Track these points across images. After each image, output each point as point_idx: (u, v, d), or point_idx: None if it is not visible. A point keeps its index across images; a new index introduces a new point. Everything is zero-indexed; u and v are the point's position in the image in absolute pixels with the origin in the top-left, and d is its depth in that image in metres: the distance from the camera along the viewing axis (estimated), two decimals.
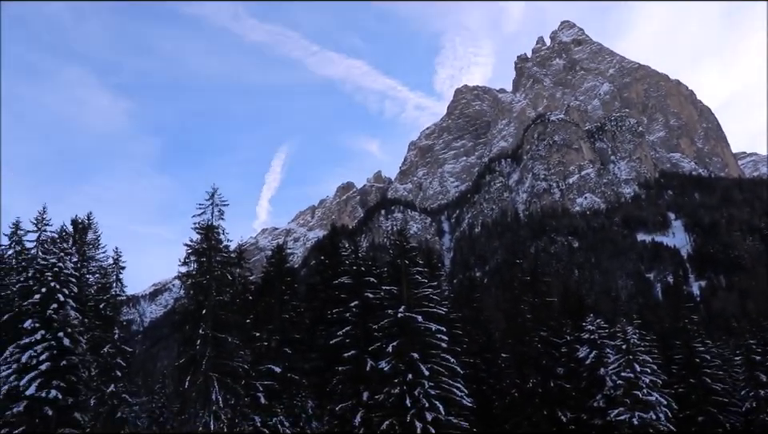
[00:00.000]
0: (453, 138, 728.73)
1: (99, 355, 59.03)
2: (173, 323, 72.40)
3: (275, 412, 57.95)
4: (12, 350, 54.22)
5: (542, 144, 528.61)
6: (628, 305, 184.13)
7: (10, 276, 67.19)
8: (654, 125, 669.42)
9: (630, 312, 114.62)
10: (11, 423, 50.41)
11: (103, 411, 57.27)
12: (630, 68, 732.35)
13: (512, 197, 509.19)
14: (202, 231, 57.73)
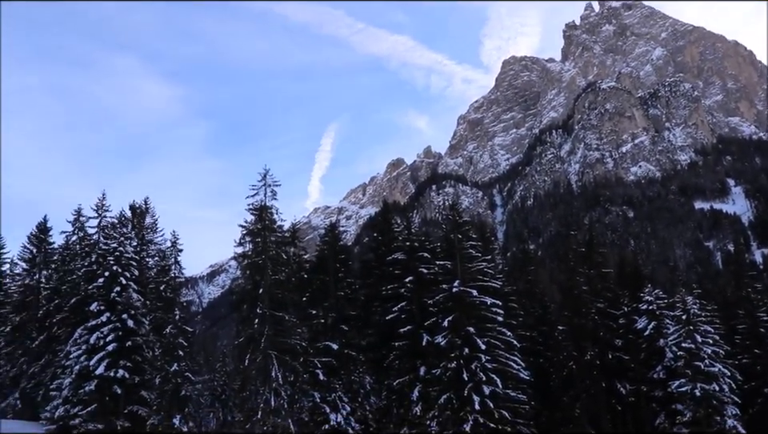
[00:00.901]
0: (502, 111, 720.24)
1: (162, 335, 60.64)
2: (231, 303, 73.90)
3: (334, 388, 58.86)
4: (81, 332, 56.28)
5: (594, 113, 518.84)
6: (687, 275, 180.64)
7: (74, 261, 69.46)
8: (710, 89, 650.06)
9: (689, 282, 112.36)
10: (84, 401, 52.44)
11: (168, 389, 58.84)
12: (684, 31, 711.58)
13: (564, 168, 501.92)
14: (255, 211, 58.59)
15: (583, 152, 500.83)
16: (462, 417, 51.10)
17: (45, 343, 66.07)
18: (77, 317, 61.42)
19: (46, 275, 71.79)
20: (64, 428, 52.84)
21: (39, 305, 69.09)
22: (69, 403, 53.51)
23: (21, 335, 68.00)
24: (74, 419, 52.43)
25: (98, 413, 52.72)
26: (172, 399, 59.24)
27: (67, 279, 68.24)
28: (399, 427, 58.55)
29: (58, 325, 65.60)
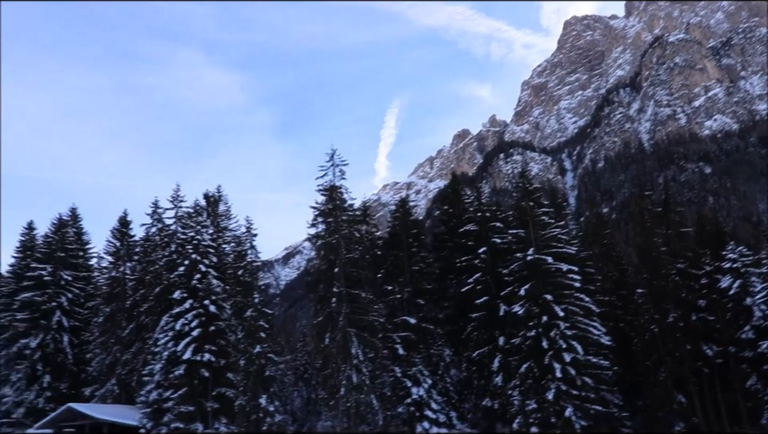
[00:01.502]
0: (566, 73, 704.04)
1: (243, 319, 62.27)
2: (307, 283, 75.27)
3: (414, 362, 59.45)
4: (167, 319, 58.44)
5: (662, 68, 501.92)
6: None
7: (155, 252, 71.91)
8: None
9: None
10: (175, 385, 54.53)
11: (252, 370, 60.52)
12: None
13: (634, 127, 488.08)
14: (325, 192, 59.38)
15: (653, 109, 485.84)
16: (544, 385, 50.88)
17: (134, 331, 68.84)
18: (162, 305, 63.73)
19: (130, 267, 74.56)
20: (158, 411, 55.15)
21: (126, 296, 71.91)
22: (161, 388, 55.81)
23: (112, 324, 71.03)
24: (167, 402, 54.70)
25: (188, 396, 54.80)
26: (257, 380, 60.94)
27: (150, 269, 70.76)
28: (481, 398, 58.81)
29: (145, 314, 68.23)
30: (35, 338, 74.16)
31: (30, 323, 75.38)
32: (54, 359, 74.50)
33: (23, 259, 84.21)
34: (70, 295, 78.90)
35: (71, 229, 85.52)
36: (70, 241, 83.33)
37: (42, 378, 72.95)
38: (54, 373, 73.98)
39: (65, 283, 78.85)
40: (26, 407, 71.63)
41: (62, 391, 73.32)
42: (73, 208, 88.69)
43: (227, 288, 63.46)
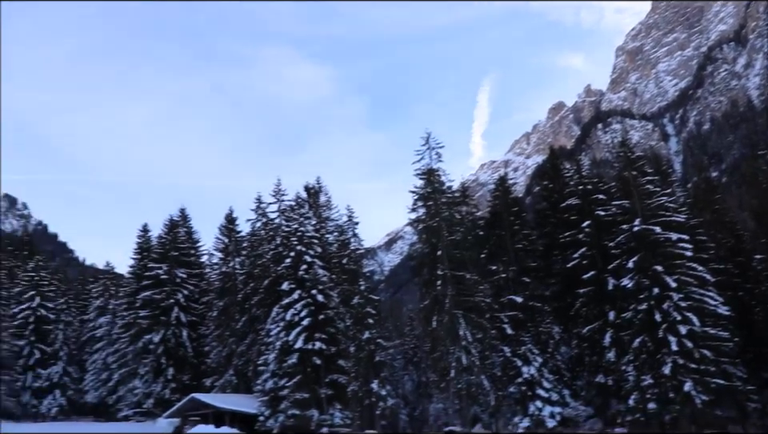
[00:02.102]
0: (662, 34, 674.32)
1: (350, 306, 63.46)
2: (411, 268, 75.82)
3: (523, 341, 59.02)
4: (277, 310, 60.30)
5: None
6: None
7: (262, 246, 74.18)
8: None
9: None
10: (289, 373, 56.29)
11: (363, 356, 61.72)
12: None
13: (741, 84, 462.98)
14: (423, 175, 59.54)
15: (762, 63, 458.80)
16: (660, 360, 49.39)
17: (247, 323, 71.35)
18: (272, 297, 65.73)
19: (239, 262, 77.19)
20: (275, 399, 57.10)
21: (237, 289, 74.52)
22: (276, 376, 57.74)
23: (226, 318, 73.91)
24: (283, 390, 56.55)
25: (303, 383, 56.47)
26: (368, 366, 62.12)
27: (258, 262, 73.10)
28: (594, 375, 57.74)
29: (256, 306, 70.56)
30: (157, 333, 78.15)
31: (152, 320, 79.45)
32: (176, 352, 78.37)
33: (141, 259, 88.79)
34: (186, 291, 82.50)
35: (182, 229, 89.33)
36: (181, 240, 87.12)
37: (167, 371, 76.96)
38: (177, 366, 77.87)
39: (180, 281, 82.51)
40: (155, 398, 75.87)
41: (184, 382, 77.10)
42: (182, 209, 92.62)
43: (333, 277, 64.76)
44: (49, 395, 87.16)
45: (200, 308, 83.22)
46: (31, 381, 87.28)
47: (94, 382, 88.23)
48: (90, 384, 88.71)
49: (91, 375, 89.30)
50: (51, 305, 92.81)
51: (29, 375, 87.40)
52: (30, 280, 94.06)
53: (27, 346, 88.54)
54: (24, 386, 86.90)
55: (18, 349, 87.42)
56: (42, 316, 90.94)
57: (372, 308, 64.55)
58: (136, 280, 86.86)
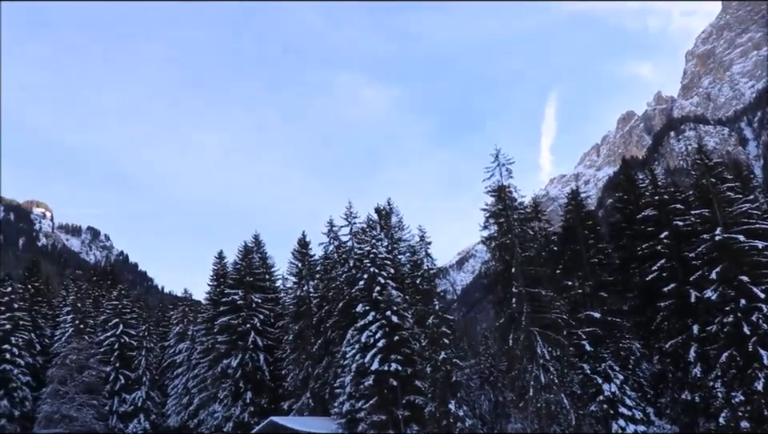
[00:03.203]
0: (735, 35, 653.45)
1: (425, 326, 63.08)
2: (484, 286, 75.15)
3: (602, 358, 57.52)
4: (352, 332, 60.56)
5: None
6: None
7: (335, 269, 74.83)
8: None
9: None
10: (365, 395, 56.33)
11: (439, 376, 61.14)
12: None
13: None
14: (494, 192, 58.97)
15: None
16: (751, 375, 47.35)
17: (323, 346, 71.90)
18: (346, 319, 66.11)
19: (313, 285, 78.04)
20: (352, 421, 57.19)
21: (312, 313, 75.32)
22: (353, 398, 57.87)
23: (302, 341, 74.72)
24: (360, 412, 56.62)
25: (379, 405, 56.41)
26: (444, 386, 61.48)
27: (332, 285, 73.72)
28: (679, 392, 55.69)
29: (331, 329, 71.07)
30: (235, 358, 79.58)
31: (230, 345, 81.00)
32: (254, 376, 79.53)
33: (217, 286, 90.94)
34: (262, 316, 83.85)
35: (256, 255, 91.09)
36: (256, 266, 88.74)
37: (245, 394, 78.15)
38: (255, 389, 78.99)
39: (255, 306, 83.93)
40: (234, 421, 77.11)
41: (262, 405, 78.16)
42: (256, 235, 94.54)
43: (407, 298, 64.69)
44: (134, 419, 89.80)
45: (276, 332, 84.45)
46: (117, 405, 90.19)
47: (175, 406, 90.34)
48: (171, 408, 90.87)
49: (173, 400, 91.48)
50: (134, 332, 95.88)
51: (115, 400, 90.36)
52: (114, 308, 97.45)
53: (113, 371, 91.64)
54: (111, 410, 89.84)
55: (104, 375, 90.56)
56: (125, 343, 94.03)
57: (447, 328, 64.01)
58: (213, 306, 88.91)
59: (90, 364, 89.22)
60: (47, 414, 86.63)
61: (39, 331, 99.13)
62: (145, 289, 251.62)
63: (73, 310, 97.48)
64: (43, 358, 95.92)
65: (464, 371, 71.73)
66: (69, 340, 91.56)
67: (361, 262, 65.28)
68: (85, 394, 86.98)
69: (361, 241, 70.34)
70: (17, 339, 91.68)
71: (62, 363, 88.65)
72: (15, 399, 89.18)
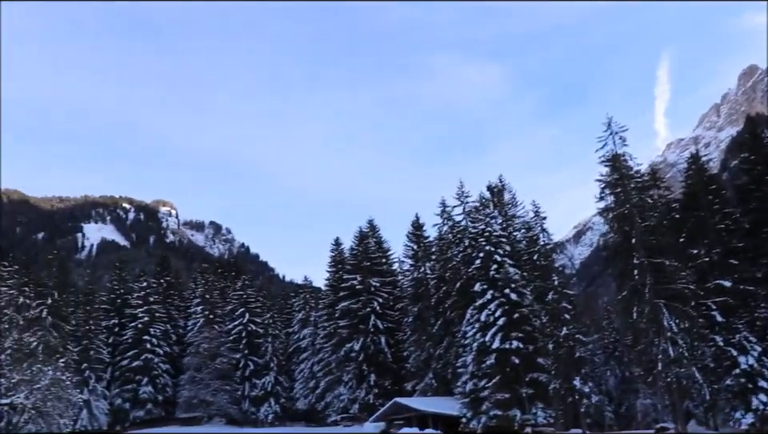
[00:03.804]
0: None
1: (545, 303, 62.33)
2: (604, 259, 72.85)
3: (736, 329, 54.66)
4: (471, 312, 60.59)
5: None
6: None
7: (450, 249, 74.88)
8: None
9: None
10: (488, 374, 56.28)
11: (561, 353, 60.32)
12: None
13: None
14: (608, 162, 57.21)
15: None
16: None
17: (443, 326, 72.24)
18: (465, 299, 66.11)
19: (429, 266, 78.54)
20: (476, 400, 57.29)
21: (430, 294, 75.81)
22: (475, 378, 57.95)
23: (422, 322, 75.50)
24: (483, 391, 56.61)
25: (502, 383, 56.18)
26: (568, 362, 60.60)
27: (448, 266, 73.85)
28: None
29: (450, 309, 71.29)
30: (357, 341, 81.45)
31: (351, 329, 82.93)
32: (376, 358, 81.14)
33: (336, 272, 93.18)
34: (381, 299, 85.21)
35: (372, 239, 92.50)
36: (372, 251, 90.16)
37: (369, 377, 79.93)
38: (378, 372, 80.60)
39: (374, 290, 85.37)
40: (359, 403, 79.22)
41: (386, 387, 79.67)
42: (370, 220, 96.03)
43: (524, 274, 63.95)
44: (265, 403, 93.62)
45: (395, 315, 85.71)
46: (248, 390, 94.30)
47: (302, 390, 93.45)
48: (299, 392, 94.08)
49: (300, 384, 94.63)
50: (259, 320, 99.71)
51: (246, 385, 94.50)
52: (240, 298, 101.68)
53: (242, 358, 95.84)
54: (243, 395, 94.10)
55: (234, 361, 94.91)
56: (252, 331, 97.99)
57: (567, 303, 62.96)
58: (333, 292, 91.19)
59: (222, 352, 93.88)
60: (186, 399, 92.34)
61: (173, 323, 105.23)
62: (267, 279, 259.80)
63: (202, 301, 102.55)
64: (179, 347, 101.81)
65: (587, 346, 70.50)
66: (200, 330, 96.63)
67: (476, 241, 65.04)
68: (218, 380, 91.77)
69: (475, 220, 70.03)
70: (155, 330, 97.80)
71: (195, 351, 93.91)
72: (158, 386, 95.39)
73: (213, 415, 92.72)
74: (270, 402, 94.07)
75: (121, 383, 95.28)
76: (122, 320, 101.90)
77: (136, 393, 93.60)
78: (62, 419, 41.17)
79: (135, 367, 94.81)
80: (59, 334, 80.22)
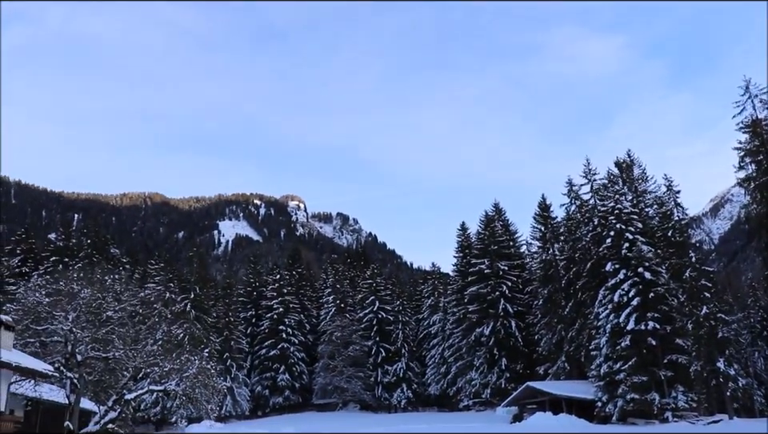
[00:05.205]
0: None
1: (682, 281, 59.54)
2: (746, 232, 68.79)
3: None
4: (603, 293, 58.76)
5: None
6: None
7: (579, 229, 72.93)
8: None
9: None
10: (623, 356, 54.38)
11: (702, 333, 57.45)
12: None
13: None
14: (748, 128, 53.91)
15: None
16: None
17: (574, 308, 70.54)
18: (595, 280, 64.29)
19: (558, 248, 76.89)
20: (611, 383, 55.53)
21: (560, 276, 74.26)
22: (609, 360, 56.16)
23: (552, 305, 74.11)
24: (618, 374, 54.74)
25: (639, 366, 54.11)
26: (710, 343, 57.65)
27: (577, 246, 72.01)
28: None
29: (581, 290, 69.46)
30: (487, 326, 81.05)
31: (480, 314, 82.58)
32: (507, 343, 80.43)
33: (463, 257, 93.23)
34: (509, 283, 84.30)
35: (498, 223, 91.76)
36: (499, 234, 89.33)
37: (500, 361, 79.41)
38: (509, 356, 79.88)
39: (502, 273, 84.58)
40: (491, 387, 78.86)
41: (518, 371, 78.87)
42: (495, 204, 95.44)
43: (659, 252, 61.35)
44: (397, 389, 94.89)
45: (525, 298, 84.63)
46: (381, 376, 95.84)
47: (434, 375, 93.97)
48: (430, 377, 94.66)
49: (431, 369, 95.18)
50: (389, 307, 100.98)
51: (378, 371, 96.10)
52: (369, 287, 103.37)
53: (374, 345, 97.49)
54: (376, 381, 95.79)
55: (366, 349, 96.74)
56: (382, 318, 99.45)
57: (707, 281, 59.78)
58: (461, 277, 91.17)
59: (354, 340, 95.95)
60: (321, 386, 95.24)
61: (307, 312, 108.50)
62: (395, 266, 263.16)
63: (333, 291, 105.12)
64: (313, 336, 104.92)
65: (731, 326, 66.66)
66: (333, 319, 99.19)
67: (606, 219, 62.99)
68: (351, 367, 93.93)
69: (603, 198, 67.84)
70: (289, 320, 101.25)
71: (329, 339, 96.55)
72: (294, 373, 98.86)
73: (347, 401, 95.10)
74: (402, 388, 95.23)
75: (260, 372, 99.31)
76: (259, 312, 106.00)
77: (274, 380, 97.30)
78: (209, 405, 43.40)
79: (273, 356, 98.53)
80: (202, 326, 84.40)
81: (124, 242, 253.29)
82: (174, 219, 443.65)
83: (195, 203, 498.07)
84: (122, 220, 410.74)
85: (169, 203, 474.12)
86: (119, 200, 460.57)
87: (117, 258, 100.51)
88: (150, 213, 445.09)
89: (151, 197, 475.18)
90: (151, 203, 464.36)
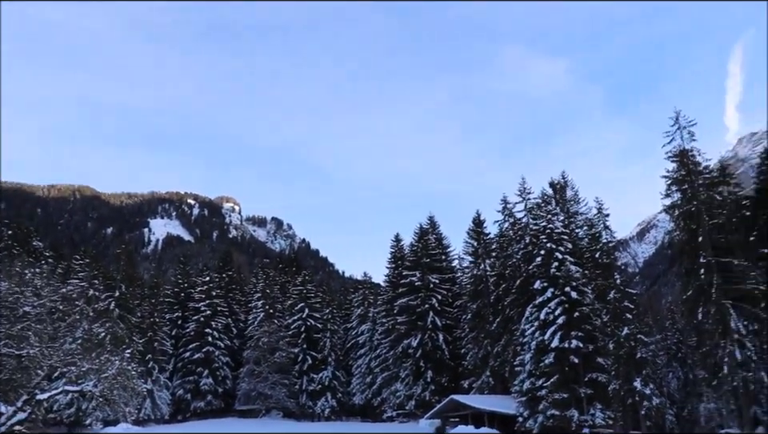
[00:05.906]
0: None
1: (606, 301, 60.97)
2: (668, 257, 71.21)
3: None
4: (530, 310, 59.81)
5: None
6: None
7: (511, 246, 74.12)
8: None
9: None
10: (546, 373, 55.39)
11: (622, 353, 58.88)
12: None
13: None
14: (675, 158, 55.58)
15: None
16: None
17: (501, 324, 71.59)
18: (524, 297, 65.39)
19: (489, 263, 78.01)
20: (533, 399, 56.51)
21: (490, 291, 75.31)
22: (533, 376, 57.16)
23: (480, 320, 75.06)
24: (540, 390, 55.81)
25: (561, 383, 55.24)
26: (628, 363, 59.10)
27: (508, 263, 73.19)
28: None
29: (509, 307, 70.58)
30: (415, 338, 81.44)
31: (409, 325, 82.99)
32: (433, 355, 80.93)
33: (395, 268, 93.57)
34: (439, 296, 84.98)
35: (432, 236, 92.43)
36: (432, 247, 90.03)
37: (425, 373, 79.80)
38: (435, 368, 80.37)
39: (433, 286, 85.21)
40: (416, 399, 79.19)
41: (443, 384, 79.43)
42: (430, 217, 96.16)
43: (586, 272, 62.79)
44: (322, 398, 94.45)
45: (454, 312, 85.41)
46: (306, 384, 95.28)
47: (359, 385, 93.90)
48: (356, 387, 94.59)
49: (357, 379, 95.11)
50: (318, 315, 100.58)
51: (304, 379, 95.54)
52: (300, 294, 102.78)
53: (301, 353, 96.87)
54: (301, 389, 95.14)
55: (293, 356, 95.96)
56: (311, 325, 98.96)
57: (629, 303, 61.35)
58: (392, 288, 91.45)
59: (281, 346, 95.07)
60: (245, 391, 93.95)
61: (234, 316, 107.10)
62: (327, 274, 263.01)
63: (263, 296, 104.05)
64: (239, 341, 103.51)
65: (649, 347, 68.53)
66: (261, 324, 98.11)
67: (537, 238, 64.15)
68: (277, 374, 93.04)
69: (536, 217, 69.09)
70: (216, 323, 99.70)
71: (255, 345, 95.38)
72: (218, 378, 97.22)
73: (271, 408, 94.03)
74: (326, 396, 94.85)
75: (183, 375, 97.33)
76: (185, 313, 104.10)
77: (197, 384, 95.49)
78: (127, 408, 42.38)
79: (197, 359, 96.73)
80: (126, 325, 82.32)
81: (49, 235, 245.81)
82: (103, 214, 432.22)
83: (127, 199, 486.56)
84: (48, 212, 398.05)
85: (99, 198, 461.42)
86: (46, 191, 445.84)
87: (39, 251, 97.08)
88: (78, 206, 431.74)
89: (81, 190, 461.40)
90: (80, 196, 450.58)
